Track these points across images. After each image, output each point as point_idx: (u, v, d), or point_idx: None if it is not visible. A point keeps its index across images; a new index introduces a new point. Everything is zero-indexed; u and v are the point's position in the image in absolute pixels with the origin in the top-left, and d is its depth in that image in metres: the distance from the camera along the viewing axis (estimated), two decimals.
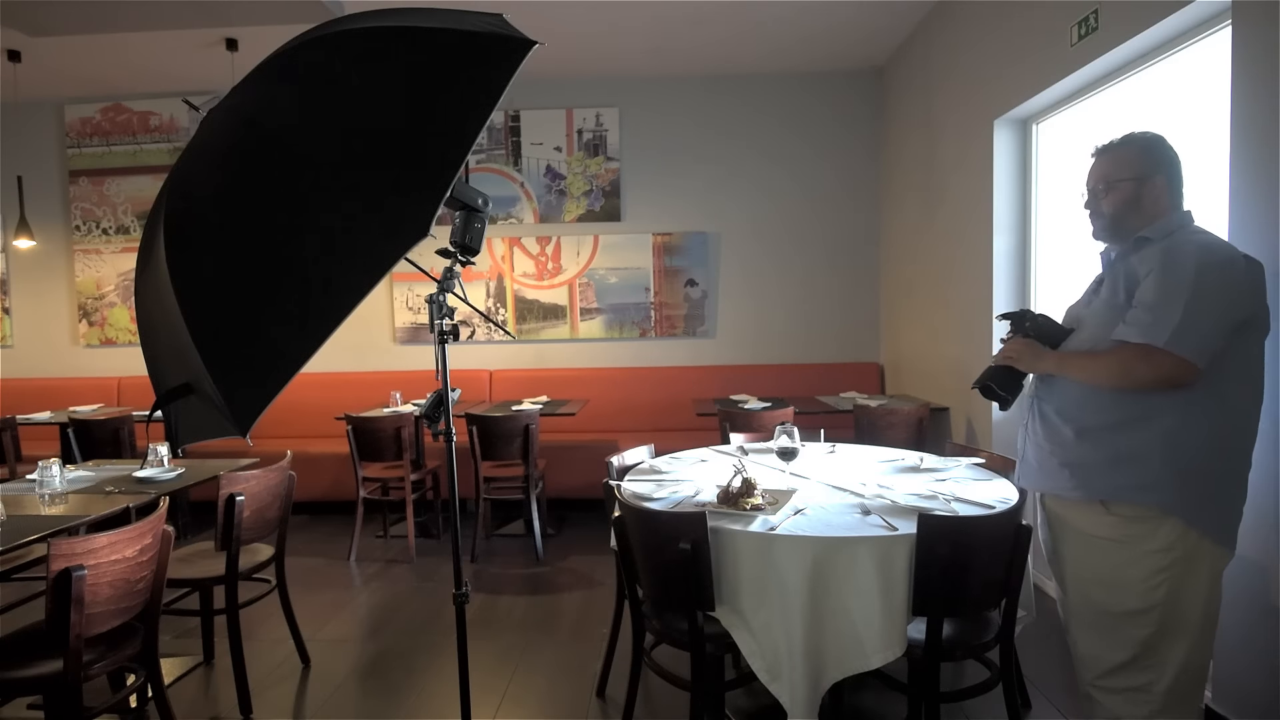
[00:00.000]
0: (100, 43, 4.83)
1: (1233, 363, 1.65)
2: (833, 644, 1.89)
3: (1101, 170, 1.84)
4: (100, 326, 6.00)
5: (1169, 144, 1.80)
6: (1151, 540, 1.69)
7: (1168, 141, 1.81)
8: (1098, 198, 1.84)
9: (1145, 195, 1.77)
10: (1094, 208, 1.85)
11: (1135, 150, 1.80)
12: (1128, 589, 1.72)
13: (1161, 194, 1.77)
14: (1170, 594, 1.68)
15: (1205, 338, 1.60)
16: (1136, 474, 1.69)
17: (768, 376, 5.69)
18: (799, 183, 5.79)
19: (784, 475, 2.54)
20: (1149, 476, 1.68)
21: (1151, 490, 1.68)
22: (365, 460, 4.38)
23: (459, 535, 1.77)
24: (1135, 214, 1.78)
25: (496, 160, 5.83)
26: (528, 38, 1.40)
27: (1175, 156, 1.80)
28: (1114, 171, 1.81)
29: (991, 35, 3.77)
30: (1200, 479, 1.66)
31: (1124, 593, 1.73)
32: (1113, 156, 1.83)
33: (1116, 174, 1.80)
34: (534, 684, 2.82)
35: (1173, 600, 1.68)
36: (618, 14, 4.57)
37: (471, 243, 1.61)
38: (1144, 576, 1.69)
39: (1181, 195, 1.80)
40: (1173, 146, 1.80)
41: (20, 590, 2.85)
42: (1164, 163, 1.78)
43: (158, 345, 1.45)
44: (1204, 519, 1.67)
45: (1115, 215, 1.81)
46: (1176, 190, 1.78)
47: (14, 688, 2.04)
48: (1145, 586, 1.69)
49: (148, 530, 2.10)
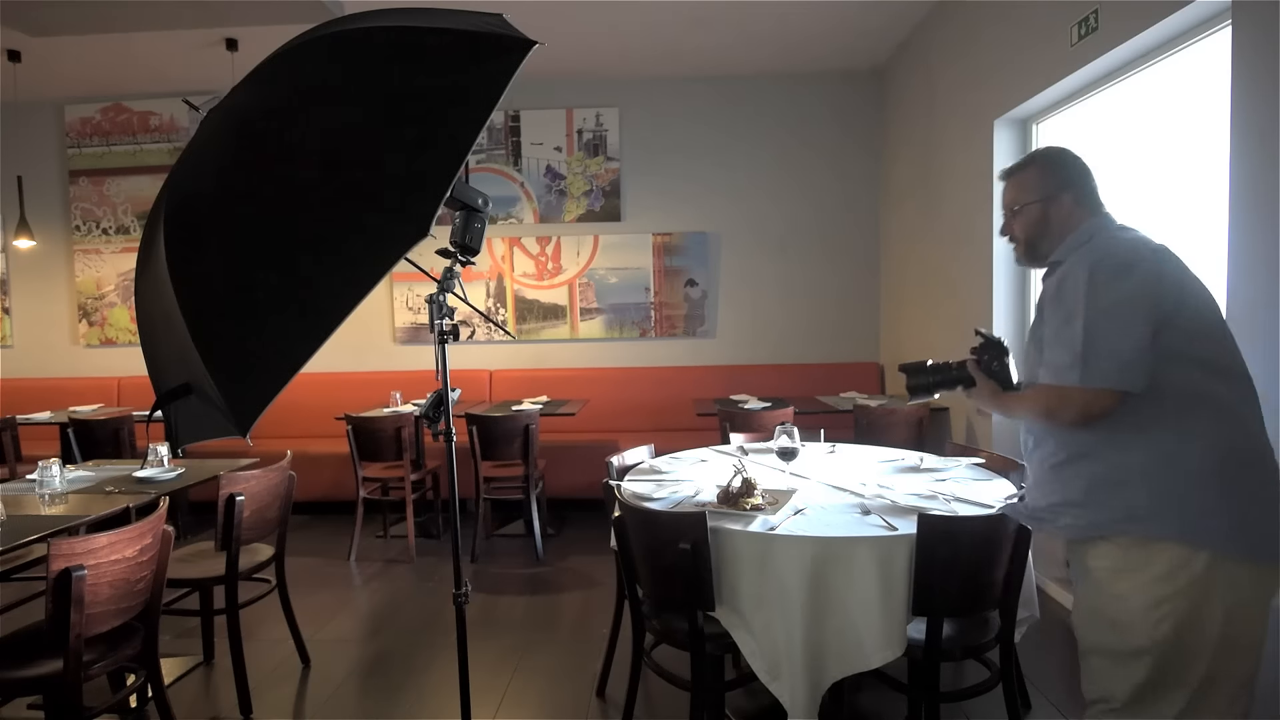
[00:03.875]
0: (100, 43, 4.83)
1: (1180, 368, 1.49)
2: (833, 644, 1.89)
3: (1008, 196, 1.77)
4: (100, 326, 6.00)
5: (1072, 156, 1.73)
6: (1150, 566, 1.51)
7: (1071, 153, 1.73)
8: (1009, 224, 1.78)
9: (1053, 216, 1.69)
10: (1009, 234, 1.79)
11: (1037, 171, 1.72)
12: (1130, 625, 1.52)
13: (1070, 211, 1.68)
14: (1176, 630, 1.48)
15: (1118, 358, 1.47)
16: (1119, 504, 1.53)
17: (768, 376, 5.69)
18: (799, 183, 5.79)
19: (784, 475, 2.54)
20: (1133, 504, 1.51)
21: (1139, 521, 1.51)
22: (365, 460, 4.38)
23: (459, 535, 1.77)
24: (1047, 236, 1.71)
25: (496, 160, 5.83)
26: (528, 38, 1.40)
27: (1081, 167, 1.71)
28: (1018, 195, 1.74)
29: (991, 35, 3.77)
30: (1195, 494, 1.48)
31: (1127, 629, 1.53)
32: (1016, 180, 1.75)
33: (1021, 198, 1.73)
34: (534, 684, 2.82)
35: (1178, 639, 1.48)
36: (618, 14, 4.57)
37: (471, 243, 1.61)
38: (1146, 607, 1.50)
39: (1095, 204, 1.69)
40: (1078, 157, 1.73)
41: (20, 590, 2.84)
42: (1068, 178, 1.69)
43: (157, 345, 1.45)
44: (1211, 536, 1.46)
45: (1028, 240, 1.74)
46: (1087, 203, 1.69)
47: (14, 688, 2.04)
48: (1148, 622, 1.50)
49: (148, 530, 2.10)
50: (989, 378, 1.79)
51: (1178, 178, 2.78)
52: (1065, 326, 1.53)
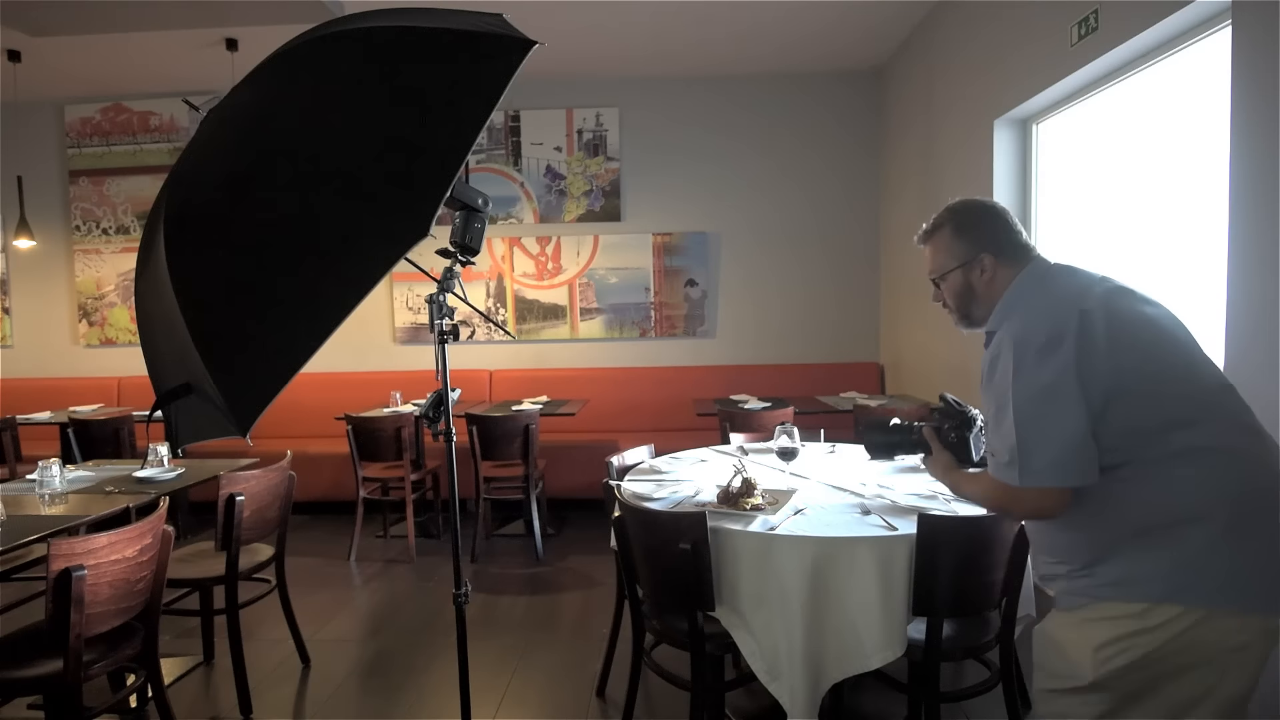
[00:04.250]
0: (100, 43, 4.83)
1: (1148, 437, 1.33)
2: (833, 644, 1.89)
3: (928, 263, 1.64)
4: (100, 326, 6.00)
5: (982, 208, 1.59)
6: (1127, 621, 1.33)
7: (980, 205, 1.60)
8: (938, 292, 1.65)
9: (975, 281, 1.56)
10: (940, 302, 1.66)
11: (950, 234, 1.58)
12: (1079, 660, 1.38)
13: (993, 274, 1.54)
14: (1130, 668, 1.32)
15: (1053, 455, 1.31)
16: (1106, 573, 1.37)
17: (768, 376, 5.69)
18: (799, 183, 5.79)
19: (784, 475, 2.54)
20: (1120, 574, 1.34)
21: (1126, 585, 1.34)
22: (365, 460, 4.38)
23: (459, 535, 1.77)
24: (975, 302, 1.58)
25: (496, 160, 5.83)
26: (528, 38, 1.40)
27: (994, 219, 1.57)
28: (938, 264, 1.61)
29: (991, 35, 3.77)
30: (1187, 554, 1.30)
31: (1074, 664, 1.39)
32: (932, 246, 1.63)
33: (940, 265, 1.61)
34: (534, 684, 2.82)
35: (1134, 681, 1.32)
36: (618, 14, 4.57)
37: (471, 243, 1.61)
38: (1096, 644, 1.35)
39: (1018, 255, 1.54)
40: (989, 207, 1.59)
41: (20, 590, 2.84)
42: (982, 237, 1.55)
43: (157, 345, 1.45)
44: (1198, 593, 1.29)
45: (958, 308, 1.61)
46: (1009, 258, 1.53)
47: (14, 688, 2.04)
48: (1098, 658, 1.35)
49: (148, 530, 2.10)
50: (945, 449, 1.68)
51: (1178, 178, 2.78)
52: (999, 417, 1.39)
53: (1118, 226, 3.17)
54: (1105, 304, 1.37)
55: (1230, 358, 2.20)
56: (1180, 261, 2.77)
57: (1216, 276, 2.29)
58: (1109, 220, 3.23)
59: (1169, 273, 2.85)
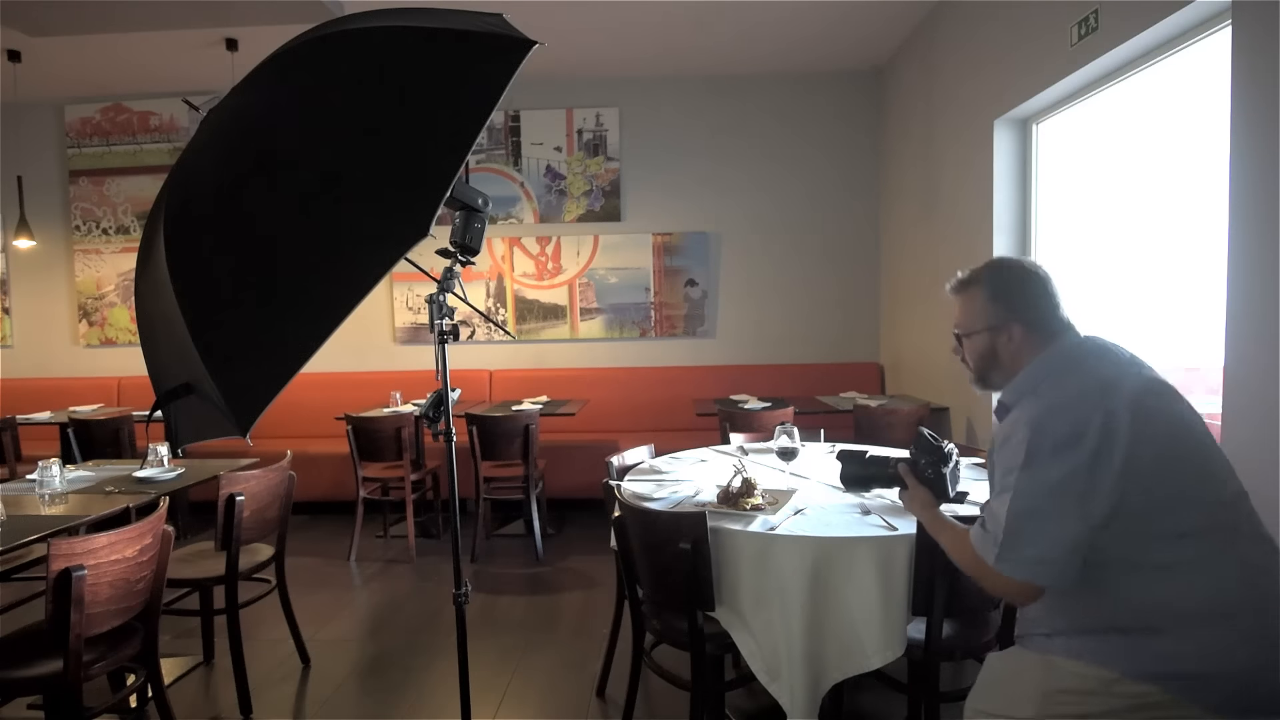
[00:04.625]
0: (100, 43, 4.83)
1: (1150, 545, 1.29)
2: (832, 644, 1.89)
3: (956, 316, 1.58)
4: (100, 326, 6.00)
5: (1023, 274, 1.51)
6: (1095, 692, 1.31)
7: (1022, 270, 1.52)
8: (958, 347, 1.59)
9: (1000, 349, 1.50)
10: (959, 356, 1.61)
11: (983, 295, 1.52)
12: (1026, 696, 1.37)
13: (1020, 344, 1.47)
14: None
15: (1039, 552, 1.29)
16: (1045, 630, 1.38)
17: (768, 376, 5.69)
18: (799, 183, 5.79)
19: (784, 475, 2.54)
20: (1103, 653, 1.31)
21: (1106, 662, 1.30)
22: (365, 460, 4.38)
23: (459, 535, 1.77)
24: (996, 369, 1.52)
25: (496, 160, 5.83)
26: (528, 38, 1.40)
27: (1034, 288, 1.49)
28: (965, 322, 1.55)
29: (991, 35, 3.77)
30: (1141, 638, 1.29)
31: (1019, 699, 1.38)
32: (962, 301, 1.56)
33: (966, 324, 1.55)
34: (534, 684, 2.82)
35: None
36: (618, 14, 4.57)
37: (471, 243, 1.61)
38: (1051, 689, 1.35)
39: (1051, 329, 1.47)
40: (1032, 273, 1.51)
41: (20, 590, 2.84)
42: (1017, 306, 1.48)
43: (157, 345, 1.45)
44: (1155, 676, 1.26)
45: (978, 370, 1.56)
46: (1040, 331, 1.46)
47: (14, 688, 2.04)
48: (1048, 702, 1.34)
49: (148, 530, 2.10)
50: (921, 484, 1.67)
51: (1178, 177, 2.78)
52: (998, 495, 1.36)
53: (1118, 226, 3.17)
54: (1133, 405, 1.30)
55: (1230, 358, 2.20)
56: (1180, 261, 2.77)
57: (1216, 276, 2.29)
58: (1109, 220, 3.23)
59: (1169, 273, 2.85)
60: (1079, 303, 3.47)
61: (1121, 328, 3.17)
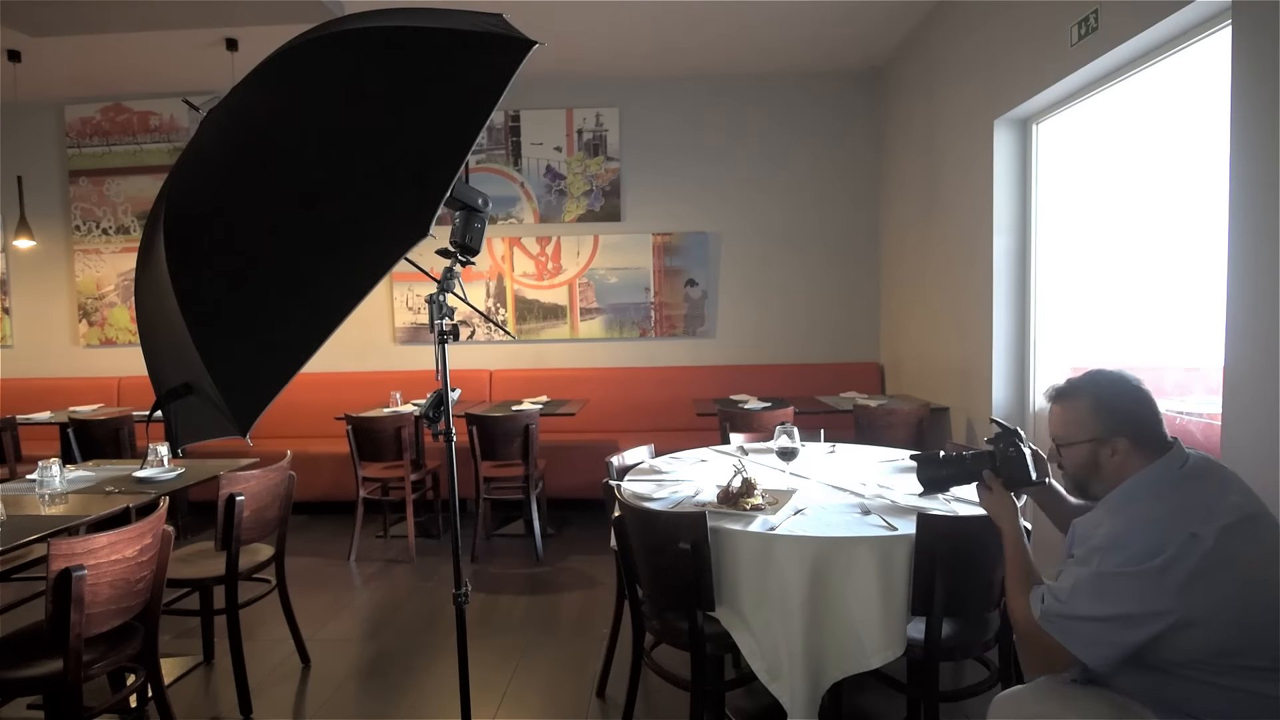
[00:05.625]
0: (100, 43, 4.83)
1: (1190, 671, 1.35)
2: (832, 644, 1.89)
3: (1054, 425, 1.57)
4: (100, 326, 6.00)
5: (1132, 391, 1.50)
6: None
7: (1129, 386, 1.51)
8: (1055, 454, 1.59)
9: (1104, 460, 1.49)
10: (1057, 462, 1.60)
11: (1088, 407, 1.50)
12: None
13: (1126, 457, 1.46)
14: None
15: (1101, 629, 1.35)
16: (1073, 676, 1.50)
17: (768, 376, 5.69)
18: (799, 183, 5.79)
19: (784, 475, 2.54)
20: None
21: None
22: (365, 460, 4.38)
23: (459, 535, 1.77)
24: (1096, 479, 1.51)
25: (496, 160, 5.83)
26: (528, 38, 1.40)
27: (1142, 406, 1.49)
28: (1066, 431, 1.54)
29: (991, 35, 3.77)
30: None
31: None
32: (1064, 411, 1.55)
33: (1069, 434, 1.53)
34: (534, 684, 2.82)
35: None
36: (618, 14, 4.57)
37: (471, 243, 1.61)
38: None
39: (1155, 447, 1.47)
40: (1138, 389, 1.50)
41: (20, 590, 2.84)
42: (1125, 418, 1.47)
43: (157, 345, 1.45)
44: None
45: (1075, 479, 1.56)
46: (1145, 447, 1.46)
47: (14, 688, 2.04)
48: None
49: (148, 530, 2.10)
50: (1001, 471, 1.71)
51: (1178, 177, 2.78)
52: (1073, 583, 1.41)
53: (1118, 226, 3.17)
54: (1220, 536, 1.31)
55: (1230, 358, 2.20)
56: (1180, 261, 2.77)
57: (1217, 276, 2.29)
58: (1109, 220, 3.23)
59: (1169, 272, 2.85)
60: (1079, 303, 3.47)
61: (1121, 328, 3.17)
